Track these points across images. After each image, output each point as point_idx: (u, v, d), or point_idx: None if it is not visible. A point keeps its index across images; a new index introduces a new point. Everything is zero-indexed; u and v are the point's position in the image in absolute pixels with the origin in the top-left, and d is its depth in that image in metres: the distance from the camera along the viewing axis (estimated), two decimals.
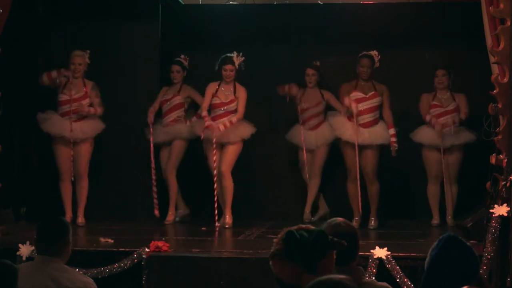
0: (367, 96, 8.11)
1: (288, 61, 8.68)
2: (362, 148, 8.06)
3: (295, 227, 2.64)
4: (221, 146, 8.14)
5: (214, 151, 8.05)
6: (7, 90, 7.13)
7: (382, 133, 8.12)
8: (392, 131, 8.10)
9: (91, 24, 8.90)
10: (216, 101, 8.15)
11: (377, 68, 8.18)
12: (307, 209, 8.53)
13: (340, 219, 3.62)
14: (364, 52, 8.14)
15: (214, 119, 8.08)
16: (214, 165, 8.05)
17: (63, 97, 8.00)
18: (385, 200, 8.31)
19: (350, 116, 8.06)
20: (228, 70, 8.10)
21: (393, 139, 8.07)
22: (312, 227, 2.64)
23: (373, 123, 8.11)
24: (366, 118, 8.07)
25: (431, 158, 8.22)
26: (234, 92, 8.16)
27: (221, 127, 8.00)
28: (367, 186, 8.16)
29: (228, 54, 8.12)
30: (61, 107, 8.01)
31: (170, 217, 8.33)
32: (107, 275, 5.97)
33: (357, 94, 8.10)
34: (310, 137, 8.48)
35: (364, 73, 8.13)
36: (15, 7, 7.09)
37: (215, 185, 8.06)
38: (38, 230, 4.04)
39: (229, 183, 8.13)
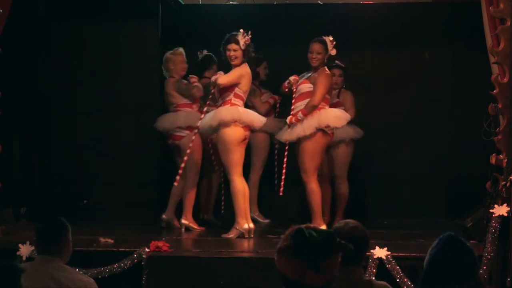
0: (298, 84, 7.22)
1: (288, 61, 8.67)
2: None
3: (304, 225, 2.66)
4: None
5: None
6: (7, 90, 7.13)
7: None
8: (300, 115, 7.05)
9: (91, 24, 8.91)
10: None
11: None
12: (254, 208, 8.33)
13: (354, 222, 3.60)
14: (317, 38, 7.26)
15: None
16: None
17: None
18: (386, 199, 8.31)
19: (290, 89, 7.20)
20: (232, 50, 7.04)
21: (290, 116, 7.12)
22: (319, 228, 2.65)
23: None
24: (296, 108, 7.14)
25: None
26: None
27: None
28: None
29: (234, 33, 7.14)
30: None
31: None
32: (107, 275, 5.96)
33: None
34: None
35: (313, 60, 7.17)
36: (15, 7, 7.09)
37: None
38: (38, 230, 4.04)
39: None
